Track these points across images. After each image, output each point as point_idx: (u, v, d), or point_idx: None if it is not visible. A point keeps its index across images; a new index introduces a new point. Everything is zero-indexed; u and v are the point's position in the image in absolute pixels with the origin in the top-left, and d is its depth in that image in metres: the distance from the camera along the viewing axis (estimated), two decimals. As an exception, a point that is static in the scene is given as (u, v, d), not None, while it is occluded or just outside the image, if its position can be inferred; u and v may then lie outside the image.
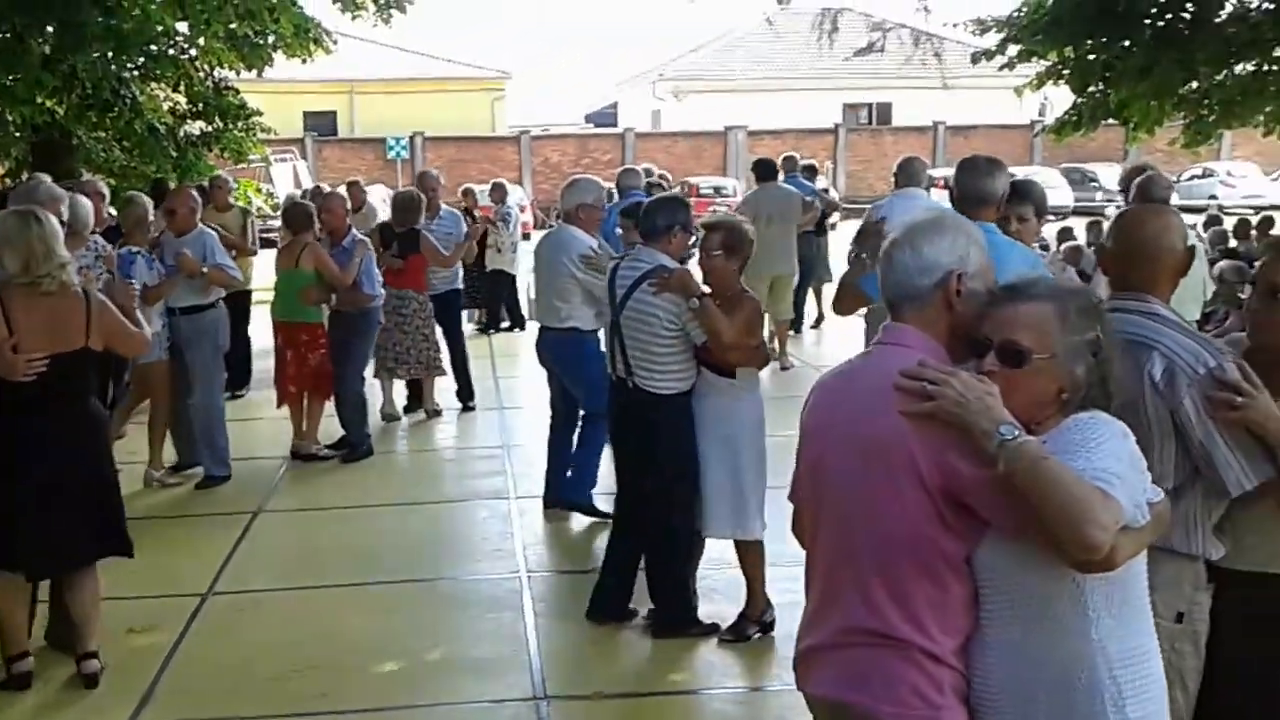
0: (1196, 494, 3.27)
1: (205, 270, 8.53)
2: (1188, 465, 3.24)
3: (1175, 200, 32.70)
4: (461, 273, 11.86)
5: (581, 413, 7.85)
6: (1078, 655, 2.66)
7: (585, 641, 5.99)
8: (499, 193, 16.52)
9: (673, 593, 5.95)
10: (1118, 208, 7.98)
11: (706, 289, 5.60)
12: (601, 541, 7.36)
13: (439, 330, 10.77)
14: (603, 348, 6.65)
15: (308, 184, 26.64)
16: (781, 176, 13.44)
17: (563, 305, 7.51)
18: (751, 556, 5.89)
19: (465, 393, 11.19)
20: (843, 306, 6.07)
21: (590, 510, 7.63)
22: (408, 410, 10.92)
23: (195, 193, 9.58)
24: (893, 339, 2.91)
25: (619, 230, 8.86)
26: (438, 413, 10.88)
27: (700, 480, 5.74)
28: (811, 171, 16.24)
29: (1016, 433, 2.54)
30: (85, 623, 5.50)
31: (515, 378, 12.92)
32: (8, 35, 12.86)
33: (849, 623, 2.81)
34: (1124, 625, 2.70)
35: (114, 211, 9.41)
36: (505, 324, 16.12)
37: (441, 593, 6.76)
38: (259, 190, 19.60)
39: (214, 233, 9.04)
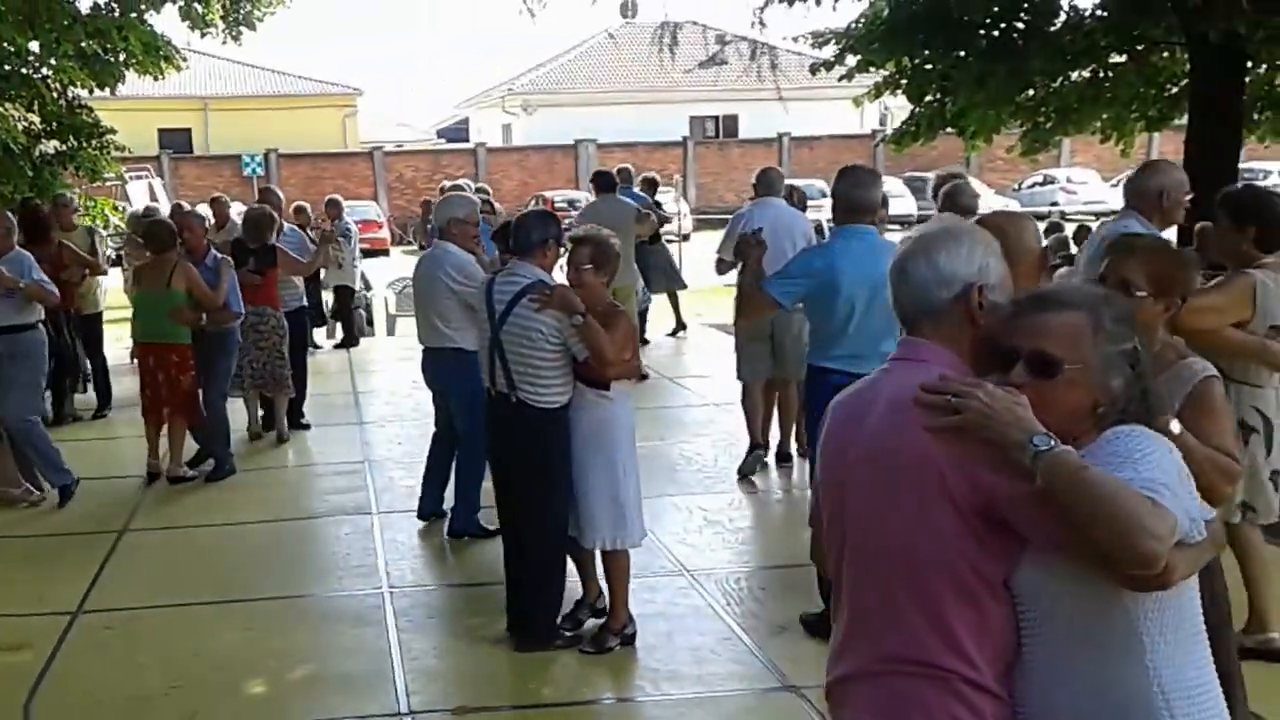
0: None
1: (23, 285, 8.43)
2: None
3: (1017, 207, 33.78)
4: (304, 290, 11.83)
5: (458, 434, 7.83)
6: (1131, 684, 2.47)
7: (448, 655, 6.09)
8: (334, 209, 16.36)
9: (544, 606, 6.02)
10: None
11: None
12: (462, 556, 7.61)
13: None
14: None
15: (164, 201, 26.21)
16: (618, 189, 13.68)
17: (442, 325, 7.54)
18: (618, 569, 5.99)
19: (298, 412, 11.19)
20: (750, 312, 6.27)
21: (483, 533, 7.55)
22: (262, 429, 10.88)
23: (10, 214, 9.39)
24: (910, 354, 2.74)
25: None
26: (283, 435, 10.72)
27: (579, 491, 5.83)
28: (652, 185, 16.56)
29: (1051, 443, 2.33)
30: None
31: (372, 392, 12.99)
32: None
33: (884, 651, 2.64)
34: (1181, 653, 2.51)
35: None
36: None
37: (306, 609, 6.78)
38: (115, 209, 19.24)
39: (29, 255, 8.87)
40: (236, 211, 14.57)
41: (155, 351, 9.29)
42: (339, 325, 16.19)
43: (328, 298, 15.67)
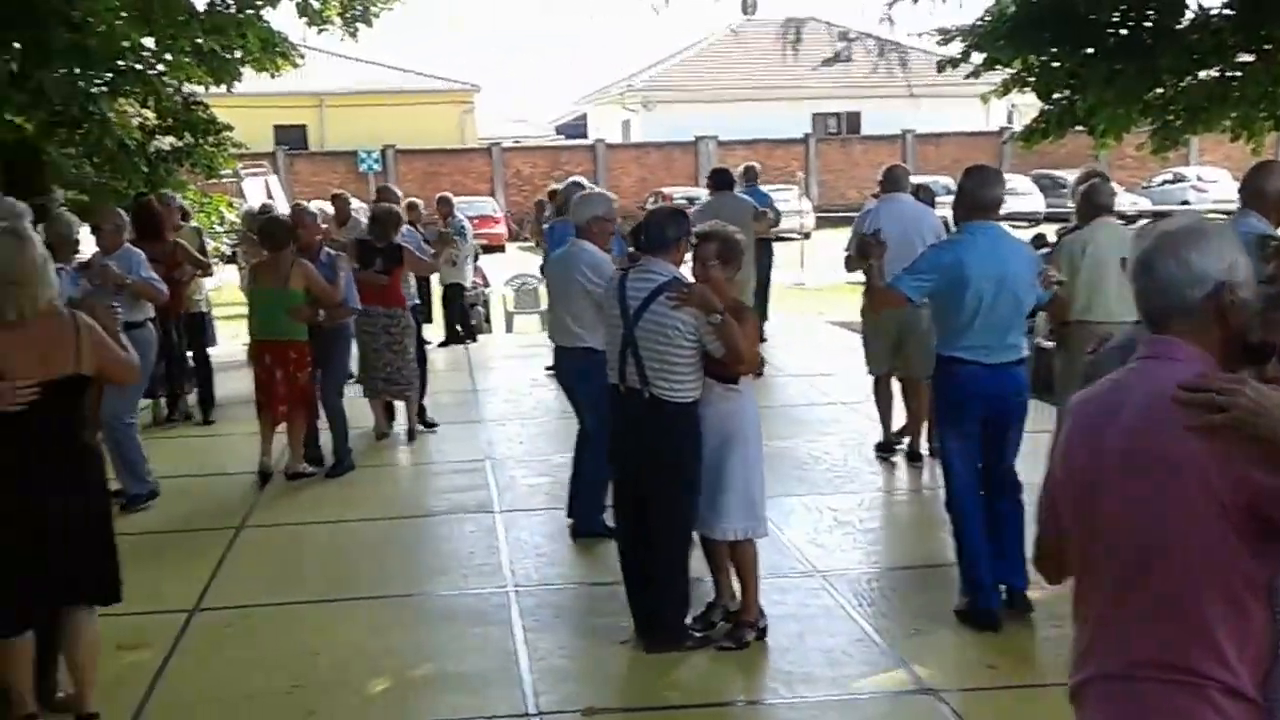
0: None
1: (129, 281, 8.41)
2: None
3: (1148, 205, 32.95)
4: (416, 288, 11.58)
5: (580, 431, 7.76)
6: None
7: (576, 655, 5.93)
8: (445, 206, 16.08)
9: (673, 604, 5.95)
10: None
11: None
12: (588, 555, 7.43)
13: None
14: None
15: (280, 198, 26.51)
16: (740, 187, 13.77)
17: (574, 324, 7.45)
18: (749, 560, 5.96)
19: (423, 411, 10.91)
20: (876, 306, 6.63)
21: (608, 532, 7.27)
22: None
23: (122, 211, 9.39)
24: (1161, 352, 2.68)
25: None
26: (414, 435, 10.54)
27: (710, 484, 5.80)
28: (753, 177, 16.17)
29: None
30: (83, 674, 5.13)
31: (491, 390, 12.86)
32: (-23, 54, 12.77)
33: (1136, 656, 2.60)
34: None
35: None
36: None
37: (428, 607, 6.69)
38: (231, 205, 19.47)
39: (139, 252, 8.85)
40: (356, 208, 14.57)
41: (273, 349, 9.16)
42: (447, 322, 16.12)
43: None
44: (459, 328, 16.17)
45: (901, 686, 5.53)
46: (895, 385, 9.31)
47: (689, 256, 5.90)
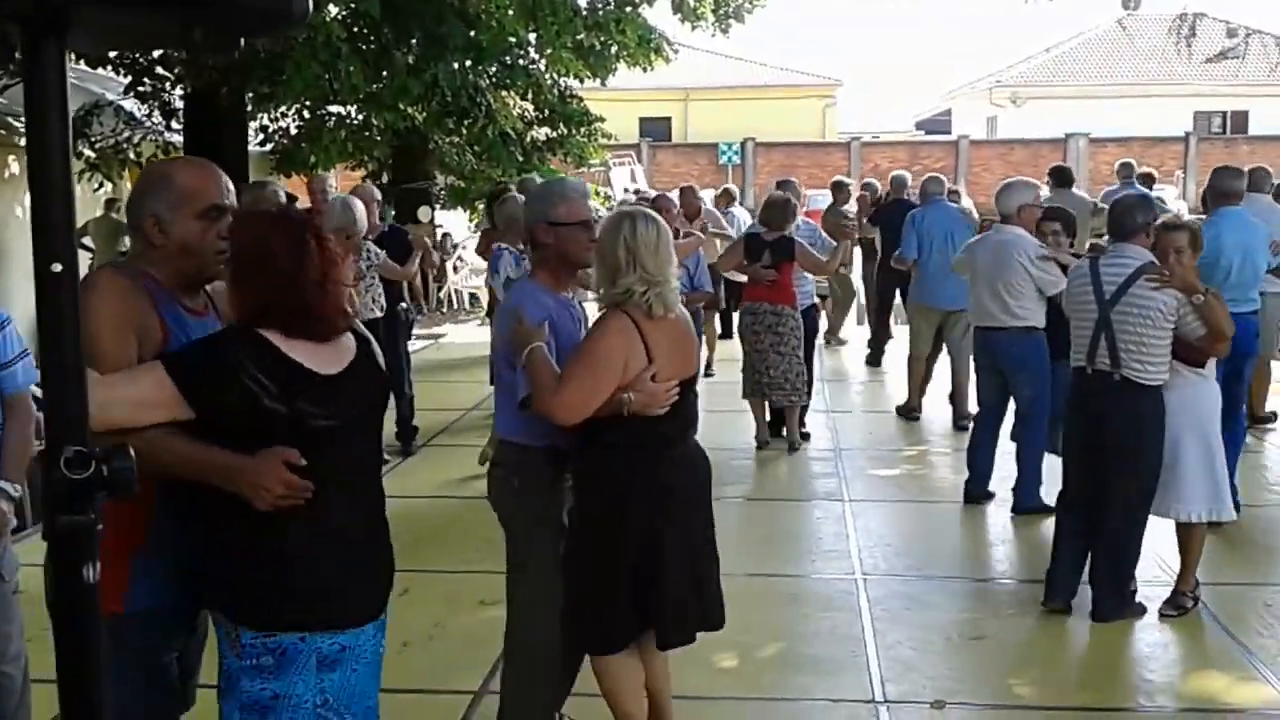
0: None
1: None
2: None
3: None
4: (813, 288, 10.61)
5: (1017, 411, 8.07)
6: None
7: (924, 647, 5.89)
8: (725, 198, 15.02)
9: (1123, 581, 6.15)
10: None
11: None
12: (934, 543, 7.48)
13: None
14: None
15: (644, 187, 27.22)
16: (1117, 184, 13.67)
17: (1012, 303, 7.81)
18: (1197, 540, 6.18)
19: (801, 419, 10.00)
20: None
21: (1046, 510, 7.38)
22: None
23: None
24: None
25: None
26: (795, 447, 9.70)
27: (1172, 465, 5.98)
28: (1149, 180, 15.49)
29: None
30: (665, 702, 4.69)
31: (841, 381, 12.87)
32: (377, 46, 13.69)
33: None
34: None
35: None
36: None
37: (778, 589, 6.75)
38: (598, 194, 20.19)
39: None
40: (709, 200, 14.42)
41: None
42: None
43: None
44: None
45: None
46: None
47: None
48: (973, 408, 9.05)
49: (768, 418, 9.88)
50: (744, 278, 9.91)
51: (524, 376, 4.14)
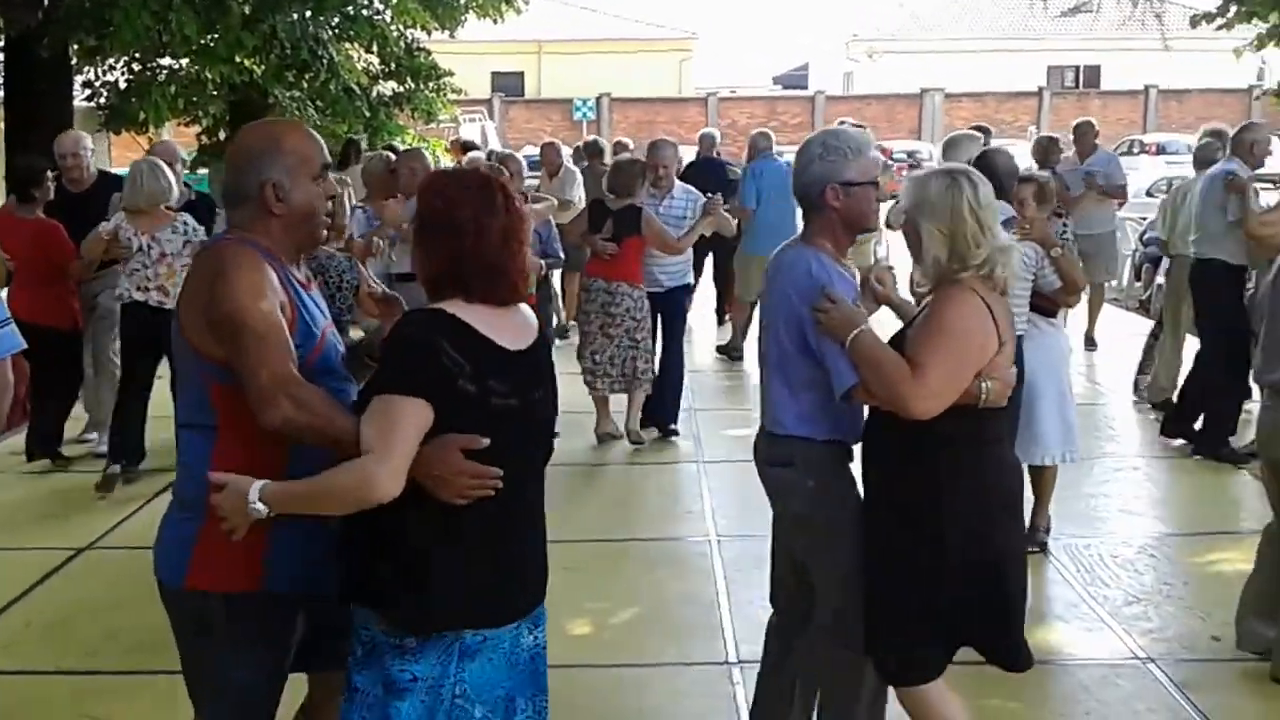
0: None
1: (406, 225, 8.37)
2: None
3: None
4: (692, 261, 9.63)
5: None
6: None
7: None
8: (592, 152, 13.82)
9: None
10: None
11: None
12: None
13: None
14: None
15: (495, 144, 26.76)
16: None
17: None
18: (1049, 481, 6.40)
19: (670, 413, 8.93)
20: None
21: None
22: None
23: (427, 155, 9.10)
24: None
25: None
26: (634, 439, 8.59)
27: (1028, 412, 5.98)
28: (985, 132, 15.28)
29: None
30: None
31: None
32: (209, -4, 13.11)
33: None
34: None
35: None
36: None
37: (630, 553, 6.62)
38: (447, 150, 19.79)
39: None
40: (568, 157, 13.74)
41: None
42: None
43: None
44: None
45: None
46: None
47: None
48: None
49: (611, 406, 8.74)
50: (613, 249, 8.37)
51: (842, 363, 3.59)
